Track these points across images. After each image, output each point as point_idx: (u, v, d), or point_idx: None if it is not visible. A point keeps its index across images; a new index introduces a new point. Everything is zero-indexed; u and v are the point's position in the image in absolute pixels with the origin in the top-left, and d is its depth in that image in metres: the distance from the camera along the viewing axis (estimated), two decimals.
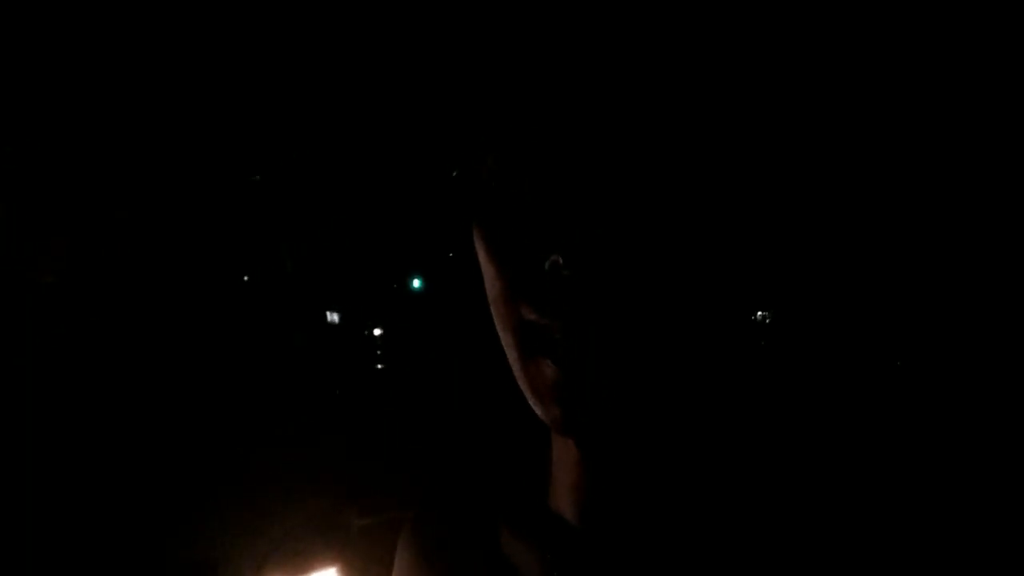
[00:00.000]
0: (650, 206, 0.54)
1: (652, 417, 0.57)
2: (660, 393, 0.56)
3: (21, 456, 4.10)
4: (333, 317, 5.23)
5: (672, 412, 0.58)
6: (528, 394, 0.58)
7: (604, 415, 0.55)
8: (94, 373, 4.84)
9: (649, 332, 0.54)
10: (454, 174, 0.60)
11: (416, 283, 5.43)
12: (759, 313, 0.57)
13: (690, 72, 0.54)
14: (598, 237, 0.53)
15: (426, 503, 0.79)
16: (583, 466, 0.62)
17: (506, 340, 0.59)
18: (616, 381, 0.54)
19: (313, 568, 3.69)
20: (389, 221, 5.38)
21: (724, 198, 0.55)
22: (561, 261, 0.52)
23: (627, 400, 0.55)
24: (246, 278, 5.21)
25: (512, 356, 0.59)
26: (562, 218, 0.53)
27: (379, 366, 5.23)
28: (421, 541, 0.76)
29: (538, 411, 0.58)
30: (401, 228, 5.53)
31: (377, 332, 5.33)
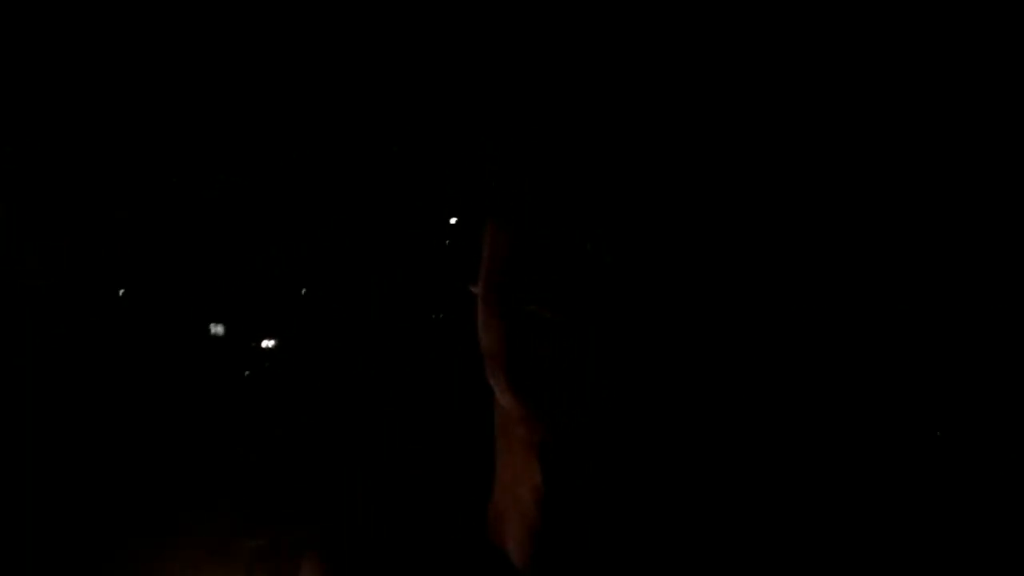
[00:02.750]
0: (675, 204, 0.53)
1: (632, 415, 0.57)
2: (644, 393, 0.56)
3: None
4: (217, 329, 4.90)
5: (650, 416, 0.57)
6: (504, 385, 0.58)
7: (585, 414, 0.55)
8: None
9: (649, 331, 0.54)
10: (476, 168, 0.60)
11: (307, 290, 5.12)
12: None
13: (699, 72, 0.54)
14: (628, 230, 0.53)
15: (337, 525, 0.77)
16: (541, 473, 0.61)
17: (491, 329, 0.59)
18: (602, 379, 0.54)
19: None
20: (279, 220, 5.16)
21: (739, 203, 0.55)
22: (589, 248, 0.53)
23: (613, 397, 0.55)
24: (121, 292, 4.90)
25: (493, 345, 0.59)
26: (593, 210, 0.54)
27: (269, 380, 4.93)
28: (336, 566, 0.73)
29: (508, 401, 0.58)
30: (294, 232, 5.30)
31: (267, 344, 5.01)
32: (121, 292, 4.71)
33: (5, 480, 4.22)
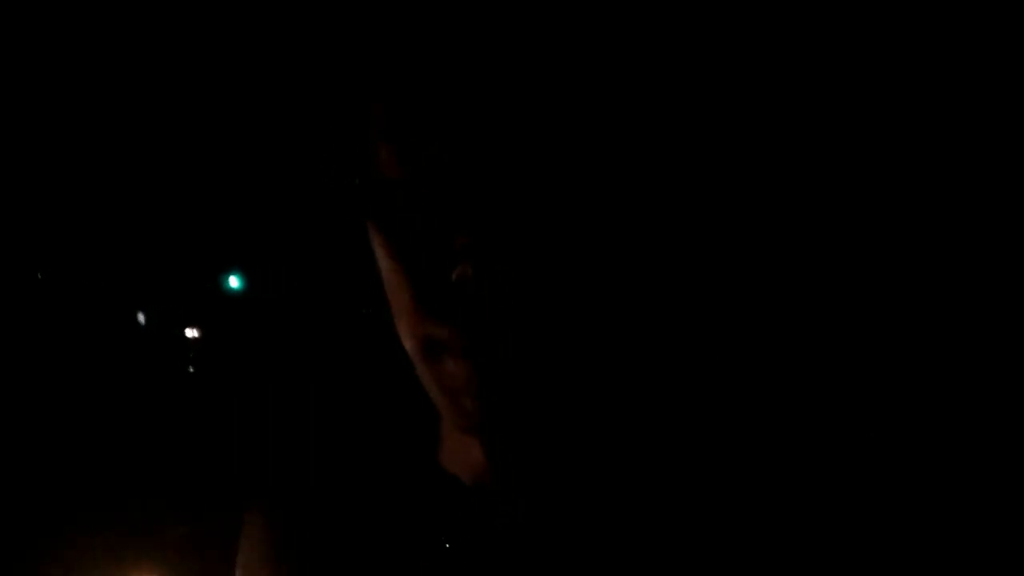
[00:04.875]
0: (563, 207, 0.51)
1: (559, 420, 0.56)
2: (565, 396, 0.55)
3: None
4: (140, 317, 4.82)
5: (580, 411, 0.57)
6: (432, 394, 0.57)
7: (509, 423, 0.54)
8: None
9: (557, 341, 0.52)
10: (356, 181, 0.56)
11: (234, 281, 5.06)
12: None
13: (618, 61, 0.51)
14: (508, 243, 0.50)
15: (281, 476, 0.75)
16: (483, 455, 0.59)
17: (411, 348, 0.58)
18: (521, 395, 0.53)
19: None
20: (204, 208, 5.07)
21: (650, 199, 0.53)
22: (471, 272, 0.50)
23: (532, 409, 0.54)
24: (40, 275, 4.76)
25: (416, 359, 0.57)
26: (469, 222, 0.50)
27: (191, 369, 4.86)
28: (281, 514, 0.72)
29: (443, 411, 0.57)
30: (218, 217, 5.22)
31: (191, 334, 4.94)
32: (44, 279, 4.58)
33: None
